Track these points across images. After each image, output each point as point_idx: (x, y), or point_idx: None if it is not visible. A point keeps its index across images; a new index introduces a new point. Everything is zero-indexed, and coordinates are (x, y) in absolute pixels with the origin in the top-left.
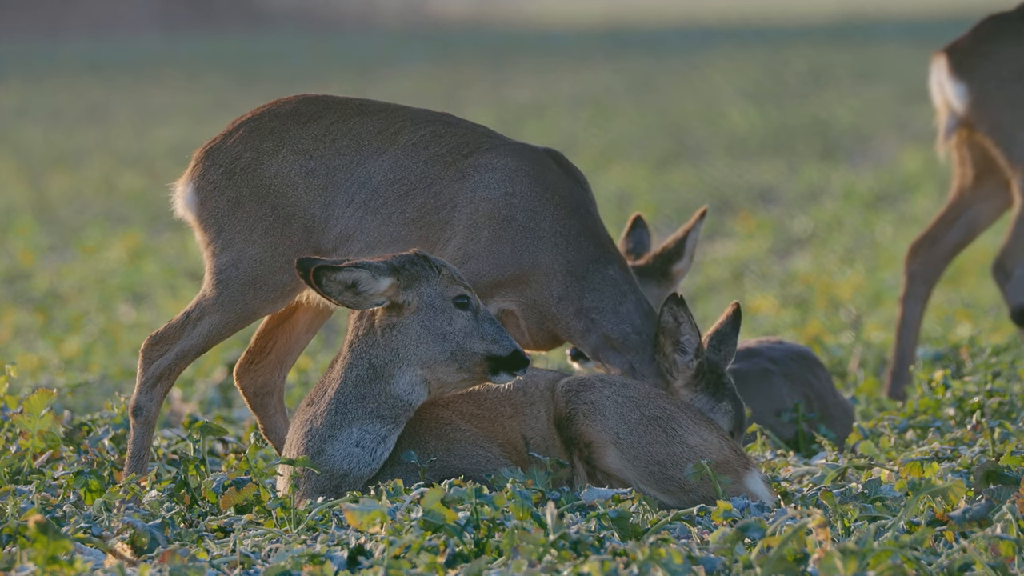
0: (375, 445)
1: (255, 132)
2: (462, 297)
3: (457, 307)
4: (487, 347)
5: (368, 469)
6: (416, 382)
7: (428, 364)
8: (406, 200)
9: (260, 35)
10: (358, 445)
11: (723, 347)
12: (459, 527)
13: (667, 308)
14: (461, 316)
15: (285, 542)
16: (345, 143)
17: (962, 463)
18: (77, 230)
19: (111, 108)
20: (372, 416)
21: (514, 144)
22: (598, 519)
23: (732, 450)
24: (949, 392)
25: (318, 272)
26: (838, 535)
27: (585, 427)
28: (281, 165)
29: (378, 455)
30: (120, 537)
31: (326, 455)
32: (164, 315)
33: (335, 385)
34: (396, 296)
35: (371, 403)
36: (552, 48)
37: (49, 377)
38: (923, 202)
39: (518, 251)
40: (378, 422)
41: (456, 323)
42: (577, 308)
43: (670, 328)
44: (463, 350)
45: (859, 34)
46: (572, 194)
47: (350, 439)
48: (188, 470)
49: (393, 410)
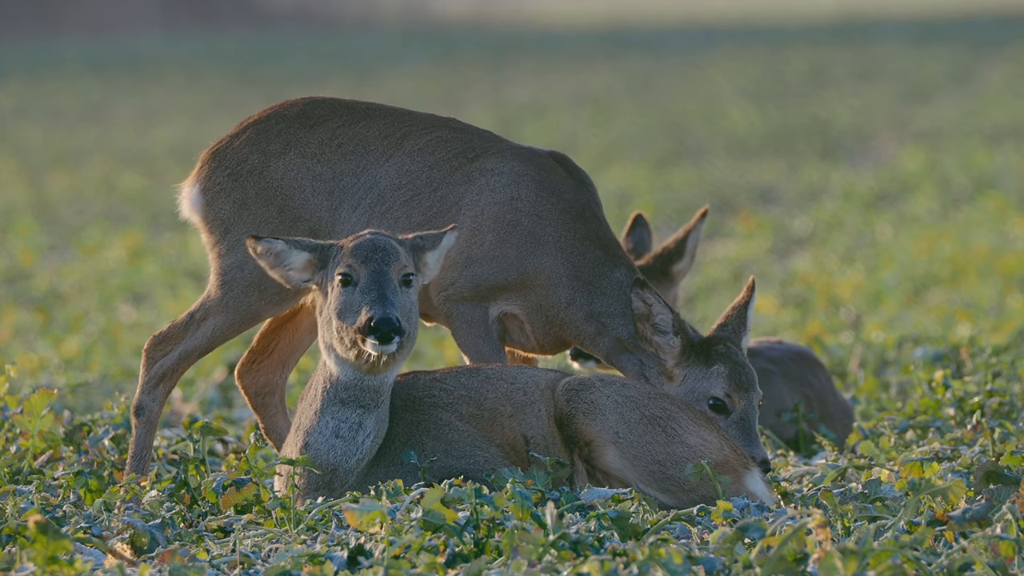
0: (354, 433)
1: (262, 134)
2: (343, 274)
3: (340, 284)
4: (353, 317)
5: (355, 460)
6: (333, 361)
7: (327, 342)
8: (412, 204)
9: (260, 35)
10: (337, 436)
11: (731, 321)
12: (459, 527)
13: (634, 295)
14: (340, 291)
15: (285, 542)
16: (351, 148)
17: (962, 463)
18: (77, 230)
19: (111, 108)
20: (337, 403)
21: (519, 149)
22: (598, 519)
23: (732, 450)
24: (949, 392)
25: (251, 239)
26: (838, 535)
27: (585, 426)
28: (288, 168)
29: (359, 442)
30: (120, 537)
31: (312, 449)
32: (164, 315)
33: (313, 380)
34: (314, 276)
35: (332, 390)
36: (552, 48)
37: (49, 377)
38: (923, 202)
39: (522, 255)
40: (344, 408)
41: (332, 299)
42: (587, 313)
43: (643, 313)
44: (338, 323)
45: (859, 34)
46: (577, 198)
47: (327, 429)
48: (188, 470)
49: (348, 392)
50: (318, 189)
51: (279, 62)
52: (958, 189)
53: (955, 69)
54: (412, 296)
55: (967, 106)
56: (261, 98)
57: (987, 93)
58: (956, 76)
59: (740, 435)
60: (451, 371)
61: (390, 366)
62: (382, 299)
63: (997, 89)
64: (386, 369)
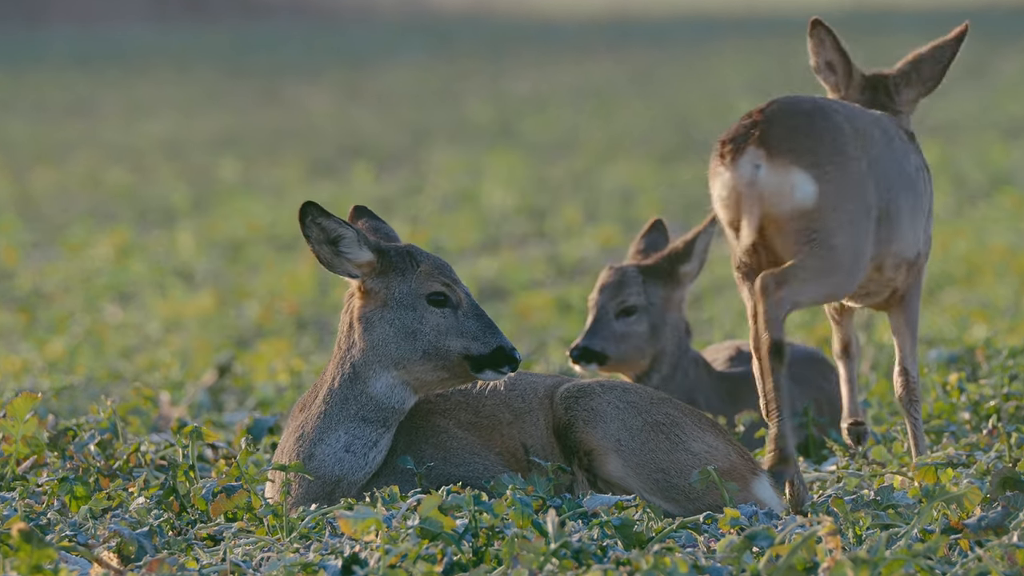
0: (366, 450)
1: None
2: (437, 294)
3: (431, 304)
4: (465, 344)
5: (362, 474)
6: (394, 384)
7: (402, 364)
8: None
9: (253, 26)
10: (348, 450)
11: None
12: (457, 535)
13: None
14: (434, 313)
15: (277, 551)
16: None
17: (977, 469)
18: (62, 227)
19: (98, 101)
20: (357, 419)
21: None
22: (601, 527)
23: (739, 455)
24: (964, 396)
25: (308, 207)
26: (849, 543)
27: (585, 434)
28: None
29: (371, 459)
30: (106, 546)
31: (316, 460)
32: (152, 316)
33: (324, 388)
34: (369, 276)
35: (354, 405)
36: (553, 39)
37: (33, 380)
38: (937, 198)
39: None
40: (365, 425)
41: (428, 320)
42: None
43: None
44: (436, 348)
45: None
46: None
47: (338, 443)
48: (177, 476)
49: (378, 413)
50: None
51: (272, 54)
52: (973, 185)
53: (970, 61)
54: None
55: (982, 99)
56: (253, 91)
57: (1003, 86)
58: (971, 68)
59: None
60: None
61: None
62: (489, 329)
63: (1013, 82)
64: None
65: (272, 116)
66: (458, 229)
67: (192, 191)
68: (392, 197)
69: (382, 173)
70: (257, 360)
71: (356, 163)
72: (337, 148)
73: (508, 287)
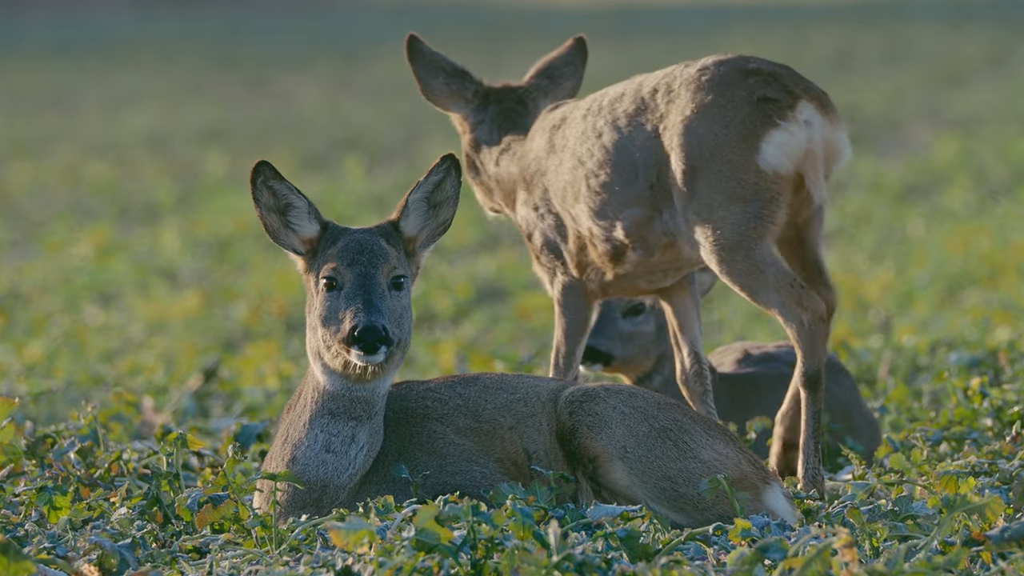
0: (346, 448)
1: None
2: (329, 278)
3: (325, 288)
4: (337, 325)
5: (347, 475)
6: (320, 369)
7: (317, 353)
8: None
9: (240, 14)
10: (328, 450)
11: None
12: (455, 547)
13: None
14: (326, 296)
15: (266, 563)
16: None
17: (1000, 478)
18: (40, 225)
19: (78, 92)
20: (326, 414)
21: None
22: (605, 539)
23: (750, 464)
24: (987, 401)
25: (261, 167)
26: (866, 556)
27: (590, 441)
28: None
29: (353, 457)
30: (87, 558)
31: (299, 464)
32: (134, 317)
33: (303, 387)
34: (309, 255)
35: (320, 400)
36: (555, 28)
37: (10, 384)
38: (958, 194)
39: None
40: (334, 420)
41: (317, 303)
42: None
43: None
44: (323, 331)
45: (888, 12)
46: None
47: (317, 443)
48: (161, 485)
49: (337, 404)
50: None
51: (260, 43)
52: (996, 180)
53: (992, 51)
54: (404, 300)
55: (1005, 91)
56: (241, 82)
57: None
58: (993, 58)
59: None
60: (446, 380)
61: (379, 376)
62: (368, 306)
63: None
64: (375, 379)
65: (260, 108)
66: (456, 227)
67: (177, 187)
68: (386, 192)
69: (375, 167)
70: (245, 364)
71: (348, 157)
72: (328, 141)
73: (508, 287)
